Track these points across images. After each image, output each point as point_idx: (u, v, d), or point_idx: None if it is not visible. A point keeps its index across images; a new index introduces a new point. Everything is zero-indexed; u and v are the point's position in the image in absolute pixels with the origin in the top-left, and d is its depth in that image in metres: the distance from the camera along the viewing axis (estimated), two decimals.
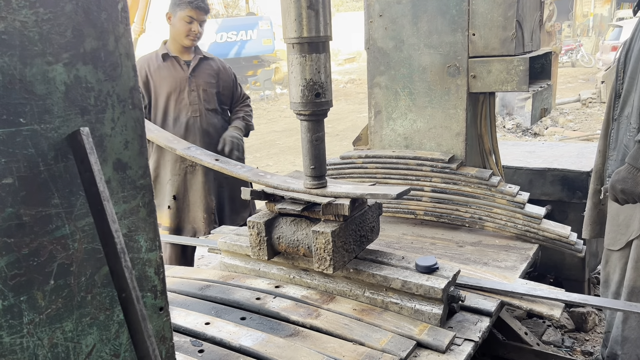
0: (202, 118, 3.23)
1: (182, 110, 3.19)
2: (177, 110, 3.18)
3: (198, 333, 1.86)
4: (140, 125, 0.99)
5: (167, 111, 3.20)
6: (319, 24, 1.87)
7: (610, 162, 2.37)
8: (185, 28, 3.15)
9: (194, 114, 3.20)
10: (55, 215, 0.87)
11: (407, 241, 2.91)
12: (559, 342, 3.29)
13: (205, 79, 3.27)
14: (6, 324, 0.83)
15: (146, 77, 3.18)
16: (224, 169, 2.28)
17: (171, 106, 3.19)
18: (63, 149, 0.87)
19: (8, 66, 0.79)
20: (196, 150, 2.40)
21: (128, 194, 0.99)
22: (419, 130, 3.10)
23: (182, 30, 3.16)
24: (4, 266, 0.81)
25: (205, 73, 3.28)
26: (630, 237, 2.26)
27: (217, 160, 2.33)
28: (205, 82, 3.26)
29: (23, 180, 0.82)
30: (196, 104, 3.21)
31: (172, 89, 3.18)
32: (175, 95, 3.18)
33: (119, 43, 0.94)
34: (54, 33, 0.84)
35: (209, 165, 2.32)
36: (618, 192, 2.15)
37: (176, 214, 3.29)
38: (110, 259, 0.88)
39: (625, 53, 2.34)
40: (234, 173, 2.26)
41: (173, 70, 3.20)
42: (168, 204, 3.25)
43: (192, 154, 2.35)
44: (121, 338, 1.01)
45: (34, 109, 0.83)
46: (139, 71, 3.08)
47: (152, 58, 3.24)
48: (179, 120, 3.19)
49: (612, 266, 2.50)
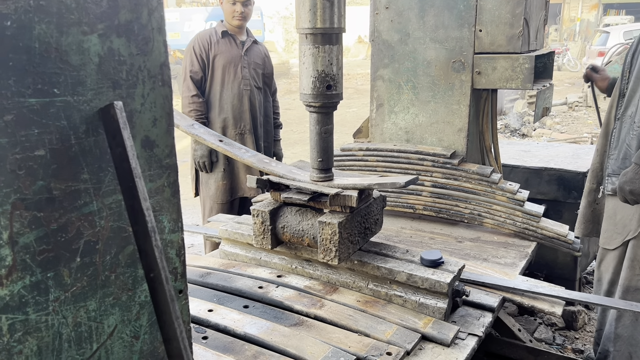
0: (251, 92, 3.57)
1: (236, 83, 3.52)
2: (232, 82, 3.51)
3: (201, 320, 1.84)
4: (168, 103, 0.97)
5: (224, 82, 3.51)
6: (333, 15, 1.84)
7: (611, 161, 2.37)
8: (230, 9, 3.46)
9: (245, 87, 3.54)
10: (84, 191, 0.85)
11: (406, 235, 2.90)
12: (550, 340, 3.31)
13: (255, 60, 3.62)
14: (33, 300, 0.80)
15: (208, 50, 3.48)
16: (228, 151, 2.24)
17: (227, 78, 3.51)
18: (94, 122, 0.85)
19: (45, 34, 0.76)
20: (199, 129, 2.36)
21: (154, 172, 0.96)
22: (421, 125, 3.09)
23: (229, 12, 3.48)
24: (33, 241, 0.79)
25: (255, 54, 3.64)
26: (626, 236, 2.27)
27: (220, 141, 2.29)
28: (255, 63, 3.62)
29: (55, 153, 0.80)
30: (247, 79, 3.55)
31: (228, 63, 3.50)
32: (231, 68, 3.51)
33: (151, 17, 0.91)
34: (90, 2, 0.81)
35: (212, 146, 2.27)
36: (627, 193, 2.15)
37: (229, 176, 3.60)
38: (139, 238, 0.85)
39: (632, 53, 2.35)
40: (238, 157, 2.23)
41: (230, 46, 3.53)
42: (224, 166, 3.55)
43: (195, 132, 2.30)
44: (142, 320, 0.99)
45: (68, 80, 0.80)
46: (201, 43, 3.47)
47: (212, 33, 3.55)
48: (233, 90, 3.51)
49: (605, 265, 2.52)
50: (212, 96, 3.54)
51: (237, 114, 3.54)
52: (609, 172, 2.35)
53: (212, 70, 3.51)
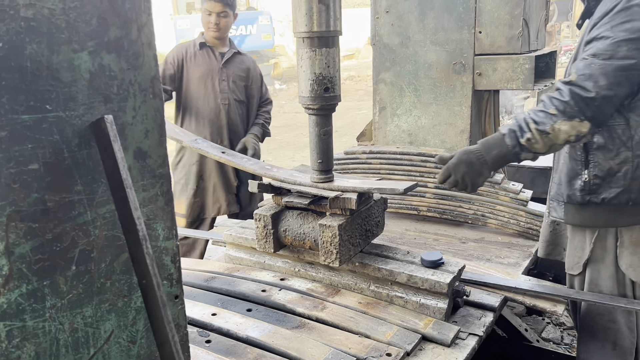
0: (230, 107, 3.42)
1: (212, 97, 3.37)
2: (207, 96, 3.37)
3: (205, 324, 1.87)
4: (160, 115, 1.00)
5: (198, 96, 3.38)
6: (329, 18, 1.88)
7: (553, 185, 2.18)
8: (206, 20, 3.35)
9: (223, 102, 3.39)
10: (77, 202, 0.88)
11: (410, 237, 2.92)
12: (558, 339, 3.31)
13: (235, 72, 3.45)
14: (30, 307, 0.84)
15: (182, 62, 3.37)
16: (231, 161, 2.29)
17: (202, 92, 3.37)
18: (86, 136, 0.88)
19: (36, 53, 0.80)
20: (202, 143, 2.41)
21: (147, 182, 1.00)
22: (424, 127, 3.11)
23: (204, 23, 3.37)
24: (29, 250, 0.82)
25: (236, 66, 3.47)
26: (584, 260, 2.12)
27: (223, 152, 2.34)
28: (235, 75, 3.45)
29: (48, 166, 0.83)
30: (226, 93, 3.40)
31: (204, 75, 3.36)
32: (206, 81, 3.36)
33: (141, 32, 0.94)
34: (80, 21, 0.85)
35: (215, 158, 2.33)
36: (459, 175, 1.98)
37: (201, 194, 3.48)
38: (131, 246, 0.89)
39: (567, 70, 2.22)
40: (240, 166, 2.27)
41: (207, 58, 3.39)
42: (195, 184, 3.43)
43: (198, 146, 2.36)
44: (138, 325, 1.02)
45: (60, 96, 0.84)
46: (176, 55, 3.35)
47: (190, 46, 3.44)
48: (209, 104, 3.37)
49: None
50: (187, 111, 3.40)
51: (214, 130, 3.40)
52: (551, 196, 2.19)
53: (187, 83, 3.38)
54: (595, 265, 2.08)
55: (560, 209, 2.11)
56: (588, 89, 1.77)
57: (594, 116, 1.79)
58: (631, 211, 1.95)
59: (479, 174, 1.98)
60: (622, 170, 1.91)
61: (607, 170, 1.93)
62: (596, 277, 2.08)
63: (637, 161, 1.89)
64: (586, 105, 1.78)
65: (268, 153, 9.68)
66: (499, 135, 1.95)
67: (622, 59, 1.75)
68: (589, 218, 2.03)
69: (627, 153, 1.90)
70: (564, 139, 1.84)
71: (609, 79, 1.76)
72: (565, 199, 2.06)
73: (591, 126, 1.80)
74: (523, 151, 1.90)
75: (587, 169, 1.97)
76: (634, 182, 1.91)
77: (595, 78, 1.76)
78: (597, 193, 1.97)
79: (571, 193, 2.03)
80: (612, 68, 1.76)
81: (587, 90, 1.77)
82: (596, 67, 1.77)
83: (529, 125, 1.87)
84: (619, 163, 1.91)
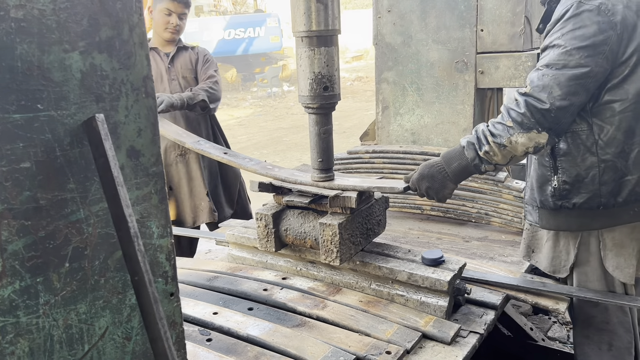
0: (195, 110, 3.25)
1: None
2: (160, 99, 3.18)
3: (206, 322, 1.88)
4: (153, 114, 1.01)
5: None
6: (327, 17, 1.88)
7: (527, 190, 2.16)
8: (164, 20, 3.20)
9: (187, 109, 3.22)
10: (70, 200, 0.89)
11: (414, 236, 2.92)
12: (565, 338, 3.29)
13: (183, 67, 3.32)
14: (23, 304, 0.85)
15: None
16: (232, 162, 2.31)
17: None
18: (78, 135, 0.89)
19: (27, 53, 0.81)
20: (205, 144, 2.43)
21: (141, 180, 1.01)
22: (426, 126, 3.11)
23: (161, 23, 3.21)
24: (22, 248, 0.84)
25: (183, 61, 3.33)
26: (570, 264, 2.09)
27: (225, 153, 2.36)
28: (184, 69, 3.32)
29: (40, 164, 0.84)
30: (177, 92, 3.24)
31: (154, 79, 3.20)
32: (157, 85, 3.21)
33: (133, 32, 0.96)
34: (71, 21, 0.86)
35: (217, 158, 2.35)
36: (423, 189, 2.01)
37: (174, 203, 3.34)
38: (123, 243, 0.90)
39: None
40: (242, 166, 2.28)
41: (154, 61, 3.24)
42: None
43: (201, 147, 2.38)
44: (133, 322, 1.04)
45: (51, 96, 0.85)
46: None
47: None
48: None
49: None
50: None
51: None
52: (525, 200, 2.16)
53: None
54: (582, 269, 2.06)
55: (535, 214, 2.09)
56: (543, 100, 1.76)
57: (551, 127, 1.79)
58: (604, 214, 1.93)
59: (442, 186, 1.98)
60: (589, 176, 1.90)
61: (575, 176, 1.92)
62: (584, 280, 2.06)
63: (603, 166, 1.87)
64: (542, 116, 1.77)
65: (276, 154, 9.71)
66: (459, 148, 1.95)
67: (575, 68, 1.74)
68: (563, 222, 2.01)
69: (593, 158, 1.88)
70: (522, 151, 1.84)
71: (563, 88, 1.74)
72: (539, 204, 2.05)
73: (549, 137, 1.80)
74: (483, 163, 1.90)
75: (556, 175, 1.95)
76: (603, 186, 1.89)
77: (549, 89, 1.75)
78: (567, 198, 1.95)
79: (543, 199, 2.02)
80: (565, 78, 1.74)
81: (542, 102, 1.76)
82: (549, 77, 1.76)
83: (487, 137, 1.86)
84: (586, 169, 1.89)
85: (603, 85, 1.82)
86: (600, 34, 1.74)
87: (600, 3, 1.75)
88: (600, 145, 1.87)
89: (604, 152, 1.87)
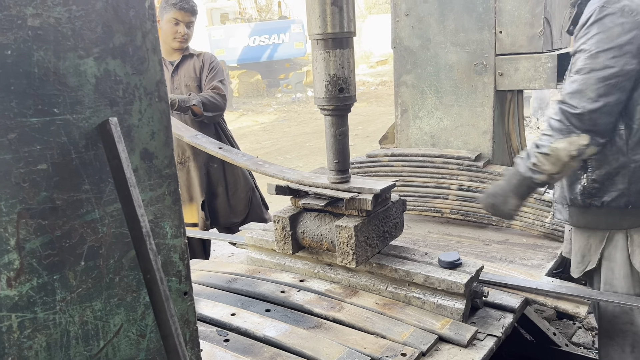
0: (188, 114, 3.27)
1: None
2: None
3: (224, 323, 1.91)
4: (166, 117, 1.04)
5: None
6: (342, 20, 1.90)
7: (557, 188, 2.20)
8: (172, 30, 3.22)
9: (178, 111, 3.23)
10: (85, 200, 0.93)
11: (433, 239, 2.91)
12: (590, 344, 3.23)
13: (187, 75, 3.32)
14: (40, 300, 0.88)
15: None
16: (226, 156, 2.37)
17: None
18: (93, 138, 0.93)
19: (43, 60, 0.85)
20: (202, 138, 2.50)
21: (154, 182, 1.04)
22: (446, 129, 3.10)
23: (169, 33, 3.23)
24: (39, 246, 0.87)
25: (186, 70, 3.33)
26: (586, 267, 2.13)
27: (220, 148, 2.41)
28: (187, 78, 3.31)
29: (56, 166, 0.88)
30: None
31: None
32: None
33: (146, 39, 0.99)
34: (86, 29, 0.90)
35: (212, 152, 2.42)
36: (489, 206, 2.13)
37: None
38: (136, 242, 0.93)
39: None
40: (234, 161, 2.34)
41: None
42: None
43: (198, 141, 2.45)
44: (147, 319, 1.06)
45: (67, 100, 0.88)
46: None
47: None
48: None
49: None
50: None
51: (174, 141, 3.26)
52: (555, 199, 2.22)
53: None
54: (609, 265, 2.07)
55: (565, 212, 2.13)
56: (575, 105, 1.82)
57: (589, 129, 1.83)
58: (632, 213, 1.96)
59: (504, 202, 2.07)
60: (618, 175, 1.93)
61: (605, 175, 1.96)
62: (610, 277, 2.07)
63: (634, 166, 1.91)
64: (578, 120, 1.83)
65: (299, 159, 9.75)
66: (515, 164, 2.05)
67: (601, 70, 1.79)
68: (592, 220, 2.05)
69: (623, 158, 1.92)
70: (567, 155, 1.87)
71: (593, 92, 1.80)
72: (569, 202, 2.09)
73: (591, 138, 1.84)
74: (535, 174, 1.96)
75: (586, 173, 1.99)
76: (632, 185, 1.93)
77: (579, 94, 1.82)
78: (597, 197, 1.99)
79: (573, 197, 2.06)
80: (593, 81, 1.80)
81: (574, 107, 1.82)
82: (578, 83, 1.83)
83: (533, 149, 1.94)
84: (616, 168, 1.93)
85: (635, 86, 1.85)
86: (625, 34, 1.77)
87: (624, 5, 1.79)
88: (631, 146, 1.90)
89: (634, 152, 1.91)
